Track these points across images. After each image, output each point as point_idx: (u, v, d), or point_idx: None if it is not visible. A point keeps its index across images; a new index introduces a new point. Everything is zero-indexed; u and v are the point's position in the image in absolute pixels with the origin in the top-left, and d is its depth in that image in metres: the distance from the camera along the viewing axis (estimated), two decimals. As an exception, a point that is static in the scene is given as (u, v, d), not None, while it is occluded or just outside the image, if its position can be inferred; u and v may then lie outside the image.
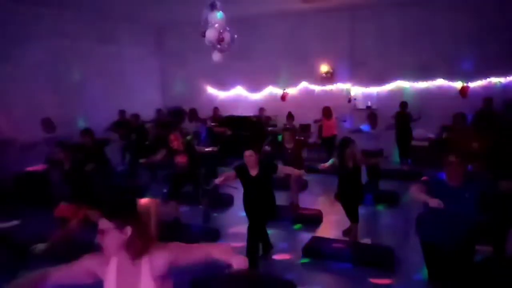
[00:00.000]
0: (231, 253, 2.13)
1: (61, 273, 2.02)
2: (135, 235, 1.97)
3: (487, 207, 4.18)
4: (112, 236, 1.93)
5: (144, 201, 3.29)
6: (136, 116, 9.19)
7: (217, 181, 4.39)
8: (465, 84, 9.55)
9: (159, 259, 2.00)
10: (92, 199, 4.94)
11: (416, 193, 3.09)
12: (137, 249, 1.97)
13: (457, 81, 9.63)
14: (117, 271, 2.00)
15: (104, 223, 1.95)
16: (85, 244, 3.87)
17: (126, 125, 9.10)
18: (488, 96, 8.70)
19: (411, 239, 3.78)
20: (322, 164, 5.01)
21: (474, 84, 9.52)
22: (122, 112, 9.60)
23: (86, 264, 2.04)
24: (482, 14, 9.15)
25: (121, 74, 10.89)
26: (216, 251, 2.15)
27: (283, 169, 4.64)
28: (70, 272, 2.03)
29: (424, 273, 3.58)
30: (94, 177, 6.37)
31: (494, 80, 9.37)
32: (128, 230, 1.96)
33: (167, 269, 2.02)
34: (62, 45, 9.19)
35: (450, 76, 9.68)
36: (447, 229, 3.15)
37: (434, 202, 2.88)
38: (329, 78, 10.87)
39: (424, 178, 3.30)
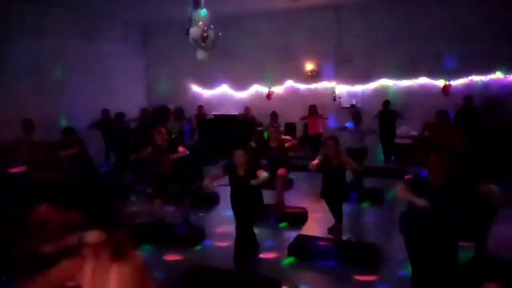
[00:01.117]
0: None
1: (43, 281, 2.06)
2: (112, 242, 2.00)
3: (469, 204, 4.27)
4: (106, 245, 1.99)
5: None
6: (120, 115, 9.07)
7: (206, 183, 4.35)
8: (447, 83, 9.72)
9: (128, 266, 2.02)
10: (75, 201, 4.85)
11: (402, 193, 3.12)
12: (110, 255, 2.00)
13: (440, 79, 9.80)
14: (91, 275, 2.04)
15: (95, 235, 1.97)
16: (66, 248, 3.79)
17: (110, 124, 8.98)
18: (468, 94, 8.89)
19: (396, 236, 3.84)
20: (312, 163, 5.02)
21: (456, 83, 9.69)
22: (105, 111, 9.46)
23: (64, 268, 2.09)
24: (464, 14, 9.32)
25: (105, 73, 10.72)
26: None
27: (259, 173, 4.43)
28: (50, 279, 2.07)
29: (408, 269, 3.62)
30: (77, 177, 6.29)
31: (476, 78, 9.55)
32: (118, 233, 2.02)
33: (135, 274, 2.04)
34: (45, 43, 9.01)
35: (433, 75, 9.83)
36: (429, 227, 3.20)
37: (421, 202, 2.91)
38: (315, 76, 10.92)
39: (407, 176, 3.34)
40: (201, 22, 4.74)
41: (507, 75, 9.29)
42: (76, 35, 9.81)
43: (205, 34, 4.77)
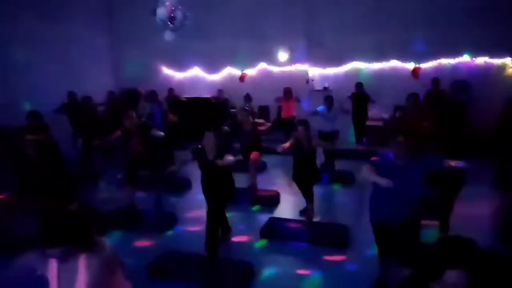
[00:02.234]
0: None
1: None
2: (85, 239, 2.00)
3: (433, 184, 4.39)
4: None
5: None
6: (87, 99, 8.75)
7: (174, 169, 4.27)
8: (417, 65, 9.88)
9: (96, 255, 2.01)
10: (39, 188, 4.68)
11: (367, 174, 3.18)
12: (85, 248, 1.99)
13: (410, 62, 9.94)
14: (57, 265, 2.01)
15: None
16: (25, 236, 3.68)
17: (77, 108, 8.67)
18: (436, 77, 9.07)
19: (365, 217, 3.93)
20: (282, 145, 5.02)
21: (426, 65, 9.87)
22: (72, 94, 9.10)
23: (26, 261, 2.05)
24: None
25: (69, 55, 10.25)
26: None
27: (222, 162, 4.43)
28: (10, 270, 2.05)
29: (376, 249, 3.71)
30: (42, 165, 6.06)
31: (444, 61, 9.75)
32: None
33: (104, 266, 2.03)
34: (2, 25, 8.51)
35: (403, 58, 9.97)
36: (393, 206, 3.28)
37: (384, 182, 2.97)
38: (288, 59, 10.86)
39: (373, 158, 3.39)
40: (168, 2, 4.58)
41: (474, 58, 9.53)
42: (34, 15, 9.27)
43: (172, 15, 4.61)
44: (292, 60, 10.89)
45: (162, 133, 5.81)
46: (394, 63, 10.14)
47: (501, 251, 4.30)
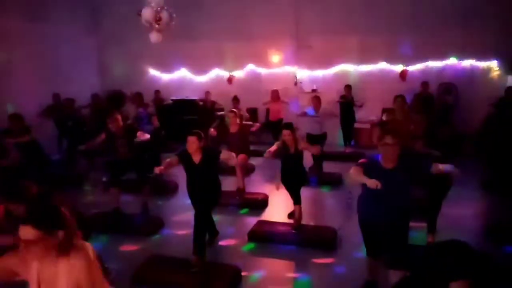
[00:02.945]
0: None
1: None
2: (66, 238, 1.92)
3: (421, 185, 4.39)
4: (41, 244, 1.87)
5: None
6: (71, 101, 8.60)
7: (158, 169, 4.18)
8: (404, 68, 9.95)
9: (77, 259, 1.95)
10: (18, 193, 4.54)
11: (354, 175, 3.15)
12: (65, 250, 1.93)
13: (397, 64, 10.01)
14: (38, 269, 1.95)
15: (29, 233, 1.86)
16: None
17: (61, 110, 8.51)
18: (425, 80, 9.17)
19: (353, 219, 3.91)
20: (268, 150, 4.97)
21: (413, 68, 9.95)
22: (56, 96, 8.93)
23: (6, 263, 1.99)
24: (419, 2, 9.51)
25: (53, 56, 10.04)
26: None
27: (223, 155, 4.46)
28: None
29: (364, 250, 3.69)
30: (24, 167, 5.92)
31: (431, 64, 9.84)
32: (60, 233, 1.91)
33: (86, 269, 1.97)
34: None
35: (391, 60, 10.03)
36: (381, 208, 3.27)
37: (371, 183, 2.95)
38: (276, 61, 10.85)
39: (361, 160, 3.37)
40: (153, 3, 4.50)
41: (460, 61, 9.65)
42: (19, 16, 9.10)
43: (158, 16, 4.53)
44: (280, 62, 10.87)
45: (148, 136, 5.73)
46: (382, 66, 10.19)
47: (489, 252, 4.33)
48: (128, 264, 4.23)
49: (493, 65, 9.47)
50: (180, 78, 11.75)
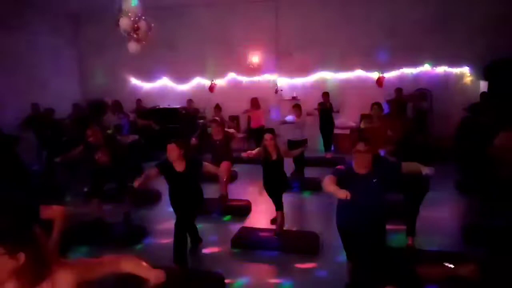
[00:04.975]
0: (145, 267, 2.00)
1: None
2: (30, 261, 1.65)
3: (397, 190, 4.53)
4: (1, 263, 1.61)
5: (47, 210, 2.94)
6: (49, 111, 8.49)
7: (137, 182, 4.15)
8: (381, 75, 10.21)
9: (62, 282, 1.75)
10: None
11: (326, 185, 3.20)
12: (32, 277, 1.70)
13: (374, 71, 10.26)
14: None
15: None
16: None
17: (40, 120, 8.39)
18: (398, 87, 9.45)
19: (335, 223, 4.00)
20: (248, 152, 5.04)
21: (389, 75, 10.22)
22: (35, 106, 8.80)
23: None
24: (394, 10, 9.81)
25: (33, 65, 9.94)
26: (128, 265, 1.99)
27: (207, 167, 4.53)
28: None
29: (345, 254, 3.77)
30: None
31: (406, 70, 10.14)
32: (21, 256, 1.62)
33: None
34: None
35: (368, 67, 10.28)
36: (357, 213, 3.35)
37: (341, 194, 2.98)
38: (256, 69, 10.97)
39: (339, 166, 3.46)
40: (130, 13, 4.51)
41: (434, 68, 9.97)
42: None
43: (136, 25, 4.55)
44: (261, 70, 10.99)
45: (135, 137, 5.64)
46: (359, 73, 10.44)
47: (465, 253, 4.49)
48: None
49: (465, 71, 9.83)
50: (162, 87, 11.75)
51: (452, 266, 2.30)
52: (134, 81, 11.93)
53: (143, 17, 4.79)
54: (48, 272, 1.73)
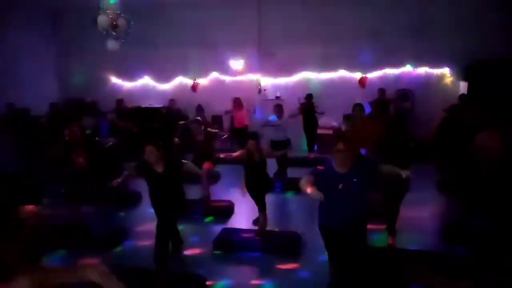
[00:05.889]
0: (110, 279, 1.89)
1: None
2: None
3: (376, 190, 4.54)
4: None
5: (18, 211, 2.82)
6: (25, 110, 8.26)
7: (115, 183, 4.06)
8: (363, 75, 10.29)
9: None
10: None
11: (302, 185, 3.20)
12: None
13: (357, 72, 10.33)
14: None
15: None
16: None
17: (15, 120, 8.14)
18: (381, 87, 9.52)
19: (317, 224, 3.99)
20: (227, 154, 5.00)
21: (372, 75, 10.31)
22: (10, 106, 8.55)
23: None
24: (377, 12, 9.89)
25: (9, 63, 9.64)
26: (93, 275, 1.87)
27: (188, 167, 4.47)
28: None
29: (326, 254, 3.75)
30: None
31: (389, 71, 10.24)
32: None
33: None
34: None
35: (350, 68, 10.34)
36: (338, 213, 3.35)
37: (315, 195, 2.99)
38: (240, 68, 10.91)
39: (319, 167, 3.44)
40: (109, 10, 4.40)
41: (416, 68, 10.10)
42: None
43: (114, 23, 4.44)
44: (244, 70, 10.94)
45: (111, 140, 5.55)
46: (342, 73, 10.49)
47: (444, 251, 4.54)
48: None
49: (446, 72, 9.99)
50: (143, 86, 11.57)
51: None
52: (115, 80, 11.71)
53: (122, 15, 4.67)
54: (8, 276, 1.69)
